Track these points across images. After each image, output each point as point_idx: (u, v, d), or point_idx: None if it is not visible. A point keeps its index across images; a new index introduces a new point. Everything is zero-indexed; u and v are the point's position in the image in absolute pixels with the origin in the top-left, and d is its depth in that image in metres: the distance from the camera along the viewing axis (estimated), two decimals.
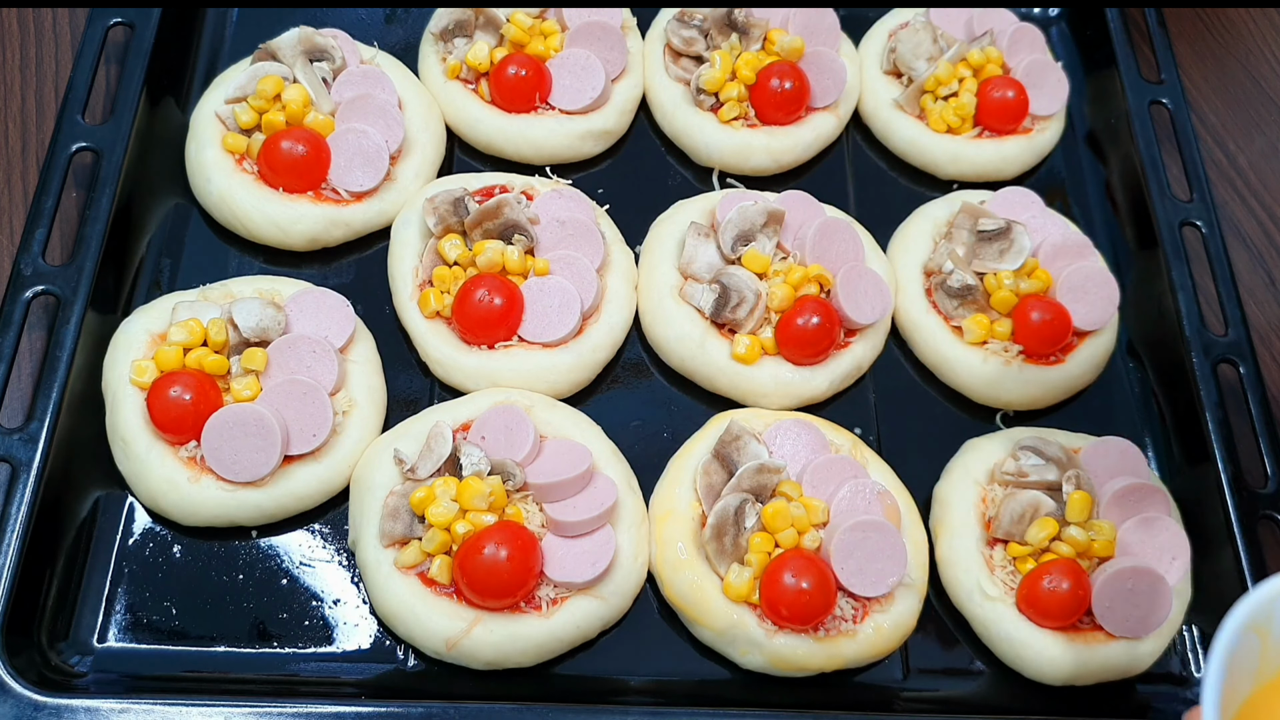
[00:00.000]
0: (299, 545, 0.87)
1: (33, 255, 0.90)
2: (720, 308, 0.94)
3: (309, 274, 0.98)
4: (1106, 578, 0.84)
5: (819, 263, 0.96)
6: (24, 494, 0.81)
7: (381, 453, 0.86)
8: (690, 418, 0.95)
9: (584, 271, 0.94)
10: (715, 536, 0.83)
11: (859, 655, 0.83)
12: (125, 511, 0.87)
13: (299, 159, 0.96)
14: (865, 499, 0.86)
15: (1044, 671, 0.85)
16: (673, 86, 1.08)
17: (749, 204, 0.97)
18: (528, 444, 0.84)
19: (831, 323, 0.93)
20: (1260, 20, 1.31)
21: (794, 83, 1.05)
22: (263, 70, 0.99)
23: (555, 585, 0.82)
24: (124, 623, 0.83)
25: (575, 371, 0.94)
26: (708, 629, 0.84)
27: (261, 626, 0.84)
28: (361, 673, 0.83)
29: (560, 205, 0.98)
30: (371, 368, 0.92)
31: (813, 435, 0.90)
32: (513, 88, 1.03)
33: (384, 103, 1.00)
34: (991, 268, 0.98)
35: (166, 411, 0.83)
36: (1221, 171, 1.19)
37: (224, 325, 0.87)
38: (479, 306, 0.91)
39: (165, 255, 0.99)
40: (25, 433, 0.83)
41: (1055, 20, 1.24)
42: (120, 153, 0.95)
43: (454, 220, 0.94)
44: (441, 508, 0.81)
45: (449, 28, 1.07)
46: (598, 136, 1.06)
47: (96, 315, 0.90)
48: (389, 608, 0.81)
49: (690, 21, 1.10)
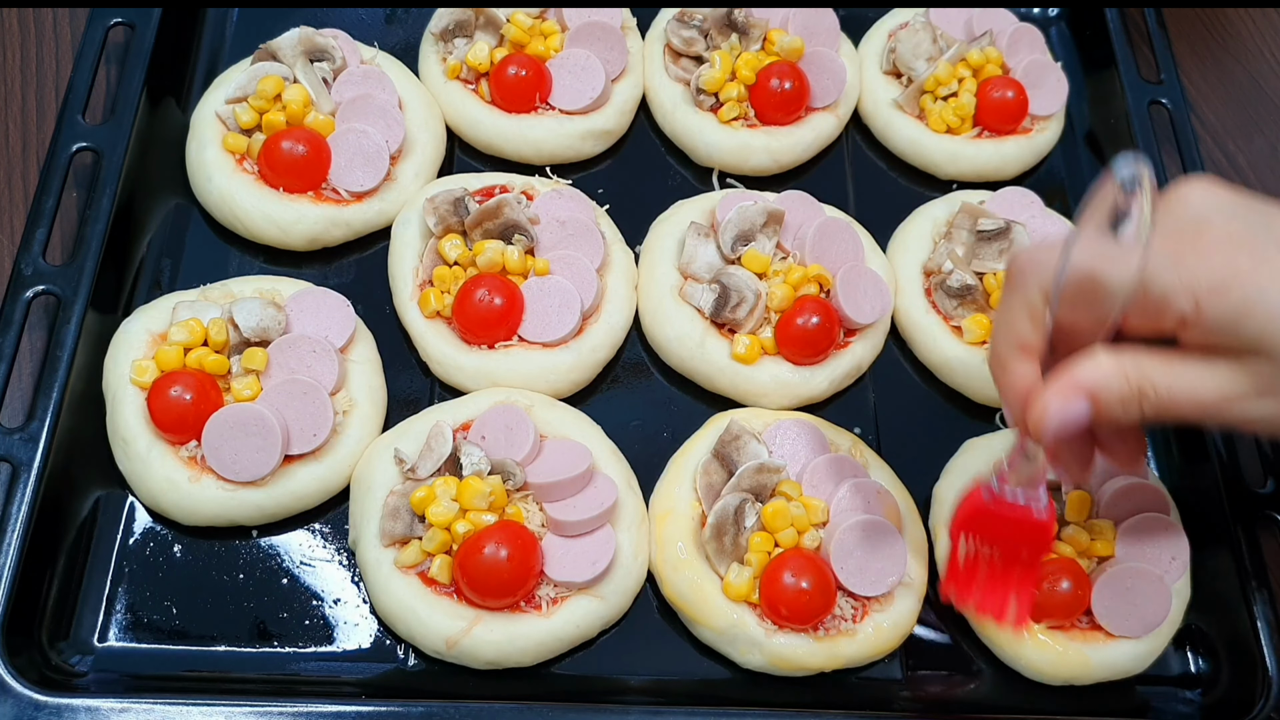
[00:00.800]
0: (299, 545, 0.87)
1: (33, 255, 0.90)
2: (720, 307, 0.94)
3: (309, 274, 0.98)
4: (1106, 577, 0.84)
5: (819, 263, 0.96)
6: (24, 494, 0.81)
7: (382, 452, 0.86)
8: (690, 417, 0.95)
9: (584, 271, 0.94)
10: (715, 536, 0.84)
11: (858, 655, 0.83)
12: (125, 511, 0.87)
13: (299, 159, 0.96)
14: (865, 499, 0.86)
15: (1043, 671, 0.85)
16: (673, 86, 1.09)
17: (749, 204, 0.97)
18: (528, 444, 0.85)
19: (831, 323, 0.93)
20: (1260, 20, 1.31)
21: (794, 83, 1.05)
22: (263, 70, 0.99)
23: (555, 585, 0.82)
24: (124, 622, 0.83)
25: (575, 371, 0.94)
26: (707, 628, 0.84)
27: (262, 626, 0.84)
28: (362, 672, 0.83)
29: (560, 205, 0.98)
30: (372, 367, 0.92)
31: (812, 435, 0.90)
32: (513, 88, 1.03)
33: (384, 103, 1.00)
34: (991, 268, 0.98)
35: (167, 411, 0.83)
36: (1221, 172, 1.19)
37: (224, 325, 0.87)
38: (479, 306, 0.91)
39: (165, 255, 0.99)
40: (26, 433, 0.83)
41: (1055, 20, 1.24)
42: (120, 153, 0.95)
43: (454, 220, 0.94)
44: (442, 507, 0.81)
45: (449, 28, 1.07)
46: (598, 136, 1.06)
47: (97, 315, 0.90)
48: (389, 607, 0.82)
49: (690, 21, 1.10)
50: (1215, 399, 0.65)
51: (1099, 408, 0.66)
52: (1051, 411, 0.66)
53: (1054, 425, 0.66)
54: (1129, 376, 0.65)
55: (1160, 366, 0.65)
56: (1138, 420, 0.66)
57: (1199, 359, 0.65)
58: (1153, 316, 0.64)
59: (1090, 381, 0.65)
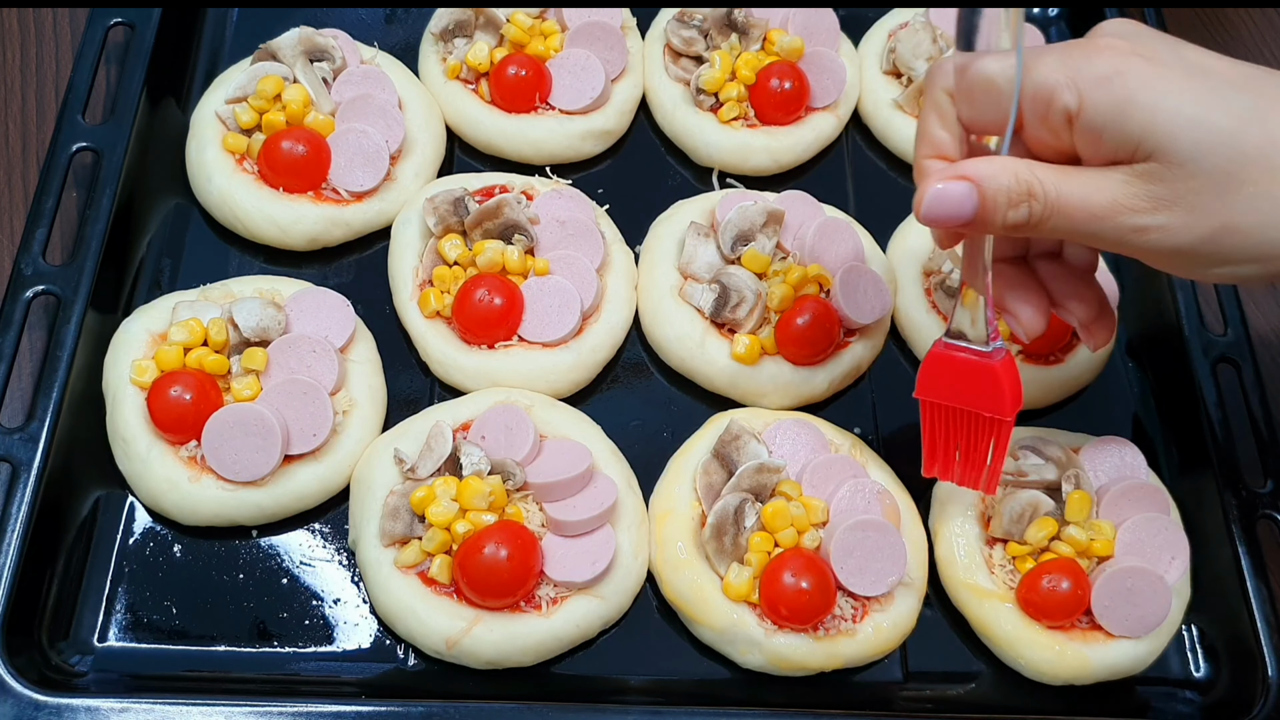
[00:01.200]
0: (299, 545, 0.87)
1: (33, 255, 0.90)
2: (720, 307, 0.94)
3: (309, 274, 0.98)
4: (1106, 577, 0.84)
5: (818, 263, 0.96)
6: (24, 494, 0.81)
7: (382, 452, 0.86)
8: (690, 417, 0.95)
9: (584, 271, 0.94)
10: (715, 536, 0.84)
11: (858, 655, 0.83)
12: (125, 511, 0.87)
13: (299, 159, 0.96)
14: (865, 499, 0.86)
15: (1043, 671, 0.85)
16: (673, 86, 1.09)
17: (749, 204, 0.97)
18: (528, 444, 0.85)
19: (831, 323, 0.93)
20: (1260, 20, 1.31)
21: (794, 83, 1.05)
22: (263, 70, 0.99)
23: (555, 585, 0.82)
24: (124, 622, 0.83)
25: (575, 371, 0.94)
26: (707, 628, 0.84)
27: (262, 626, 0.84)
28: (361, 672, 0.83)
29: (560, 205, 0.98)
30: (372, 367, 0.92)
31: (812, 435, 0.90)
32: (513, 88, 1.03)
33: (384, 103, 1.00)
34: None
35: (167, 411, 0.83)
36: None
37: (224, 325, 0.87)
38: (479, 306, 0.91)
39: (165, 255, 0.99)
40: (25, 433, 0.83)
41: (1055, 20, 1.24)
42: (120, 153, 0.95)
43: (454, 220, 0.94)
44: (441, 507, 0.81)
45: (449, 28, 1.07)
46: (598, 136, 1.06)
47: (97, 315, 0.90)
48: (389, 607, 0.82)
49: (690, 21, 1.10)
50: (1107, 206, 0.64)
51: (984, 201, 0.66)
52: (929, 190, 0.67)
53: (928, 200, 0.67)
54: (1018, 174, 0.65)
55: (1052, 171, 0.66)
56: (1026, 222, 0.66)
57: (1095, 170, 0.65)
58: (1043, 114, 0.65)
59: (977, 171, 0.66)
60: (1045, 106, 0.65)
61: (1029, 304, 0.76)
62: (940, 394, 0.79)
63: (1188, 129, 0.62)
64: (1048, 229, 0.66)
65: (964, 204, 0.66)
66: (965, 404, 0.78)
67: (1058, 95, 0.64)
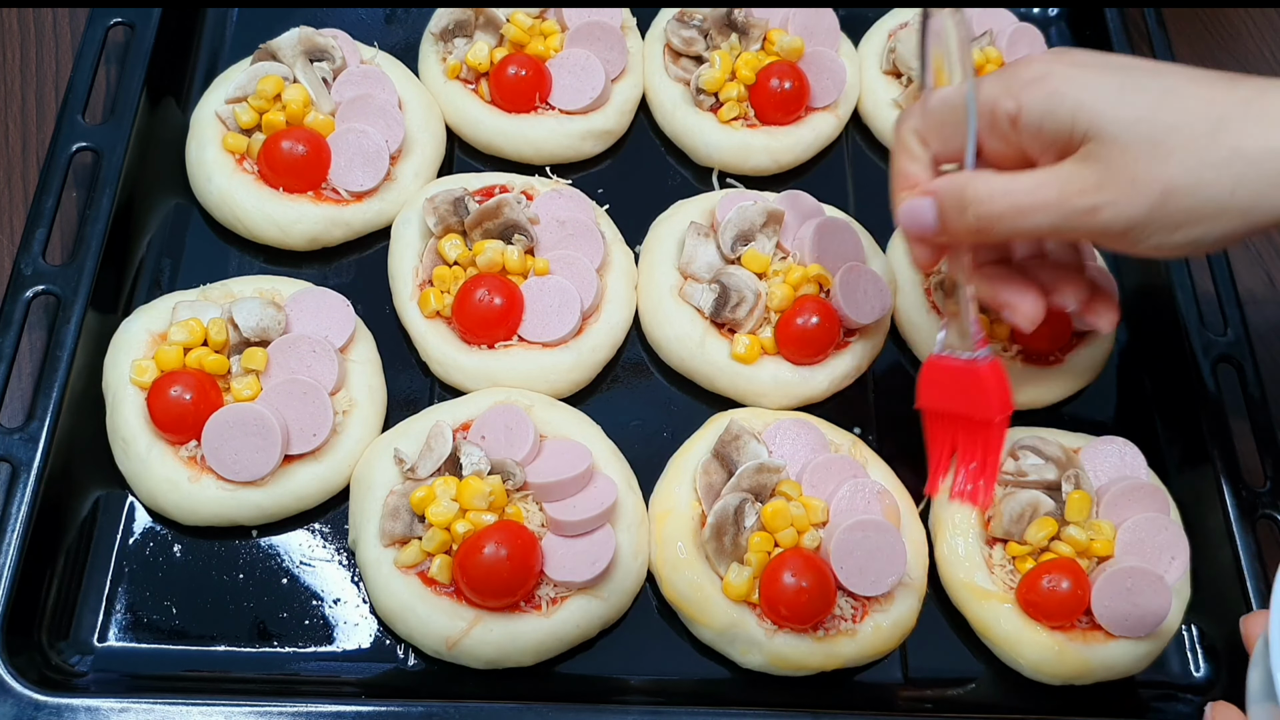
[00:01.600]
0: (299, 545, 0.87)
1: (33, 255, 0.90)
2: (720, 307, 0.94)
3: (309, 274, 0.98)
4: (1106, 577, 0.84)
5: (818, 262, 0.96)
6: (24, 494, 0.81)
7: (382, 452, 0.86)
8: (690, 417, 0.95)
9: (584, 271, 0.94)
10: (715, 536, 0.84)
11: (858, 655, 0.83)
12: (125, 511, 0.87)
13: (299, 159, 0.96)
14: (865, 498, 0.86)
15: (1043, 671, 0.85)
16: (672, 86, 1.09)
17: (749, 204, 0.97)
18: (528, 443, 0.85)
19: (831, 322, 0.93)
20: (1260, 20, 1.31)
21: (794, 83, 1.05)
22: (263, 70, 0.99)
23: (555, 585, 0.82)
24: (124, 622, 0.83)
25: (575, 371, 0.94)
26: (707, 628, 0.84)
27: (262, 626, 0.84)
28: (361, 672, 0.83)
29: (560, 205, 0.98)
30: (371, 367, 0.92)
31: (812, 435, 0.90)
32: (513, 88, 1.03)
33: (384, 103, 1.00)
34: None
35: (167, 411, 0.83)
36: None
37: (224, 325, 0.87)
38: (479, 306, 0.91)
39: (165, 255, 0.99)
40: (25, 432, 0.83)
41: (1055, 20, 1.24)
42: (120, 153, 0.95)
43: (454, 220, 0.94)
44: (441, 507, 0.81)
45: (449, 28, 1.07)
46: (598, 136, 1.06)
47: (97, 315, 0.90)
48: (389, 607, 0.82)
49: (690, 21, 1.10)
50: (1057, 195, 0.70)
51: (941, 211, 0.74)
52: (901, 206, 0.77)
53: (901, 212, 0.77)
54: (955, 181, 0.74)
55: (988, 175, 0.73)
56: (973, 228, 0.73)
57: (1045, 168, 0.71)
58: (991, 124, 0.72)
59: (933, 186, 0.75)
60: (991, 117, 0.72)
61: (1023, 296, 0.81)
62: (937, 402, 0.82)
63: (1112, 107, 0.68)
64: (1007, 228, 0.72)
65: (926, 215, 0.75)
66: (958, 408, 0.81)
67: (999, 104, 0.72)
